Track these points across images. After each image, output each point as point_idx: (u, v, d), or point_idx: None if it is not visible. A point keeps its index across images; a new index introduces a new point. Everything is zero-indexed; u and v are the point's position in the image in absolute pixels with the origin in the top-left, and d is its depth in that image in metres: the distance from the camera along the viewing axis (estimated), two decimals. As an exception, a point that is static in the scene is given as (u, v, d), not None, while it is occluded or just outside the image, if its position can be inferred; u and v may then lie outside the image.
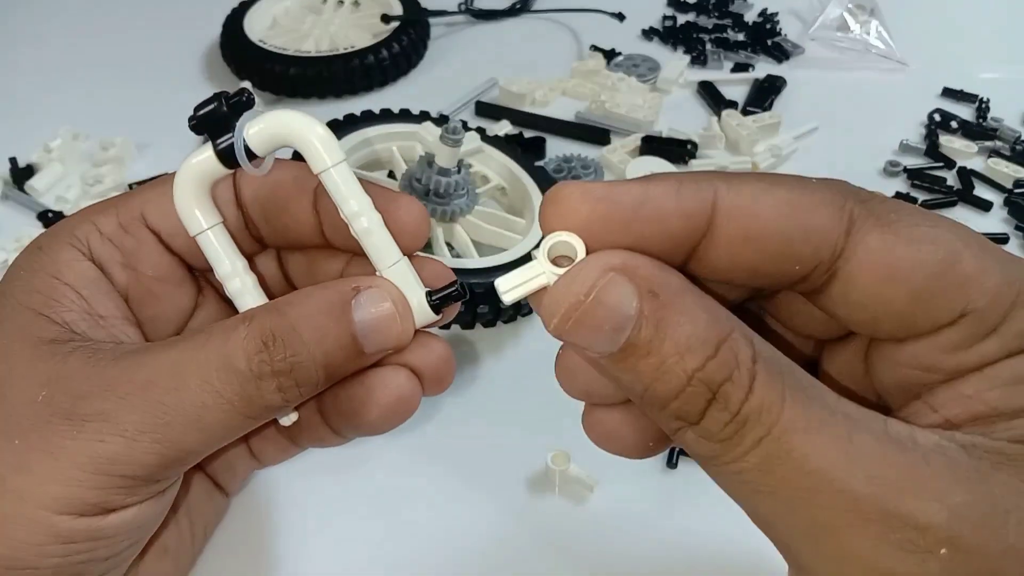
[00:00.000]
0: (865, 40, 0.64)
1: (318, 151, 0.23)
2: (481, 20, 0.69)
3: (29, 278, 0.25)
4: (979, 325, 0.19)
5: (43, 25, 0.69)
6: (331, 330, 0.23)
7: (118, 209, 0.26)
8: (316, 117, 0.24)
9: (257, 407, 0.23)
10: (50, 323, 0.24)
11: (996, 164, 0.52)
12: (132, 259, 0.26)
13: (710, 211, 0.19)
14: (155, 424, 0.22)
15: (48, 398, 0.22)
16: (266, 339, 0.23)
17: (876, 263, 0.19)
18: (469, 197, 0.40)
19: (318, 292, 0.24)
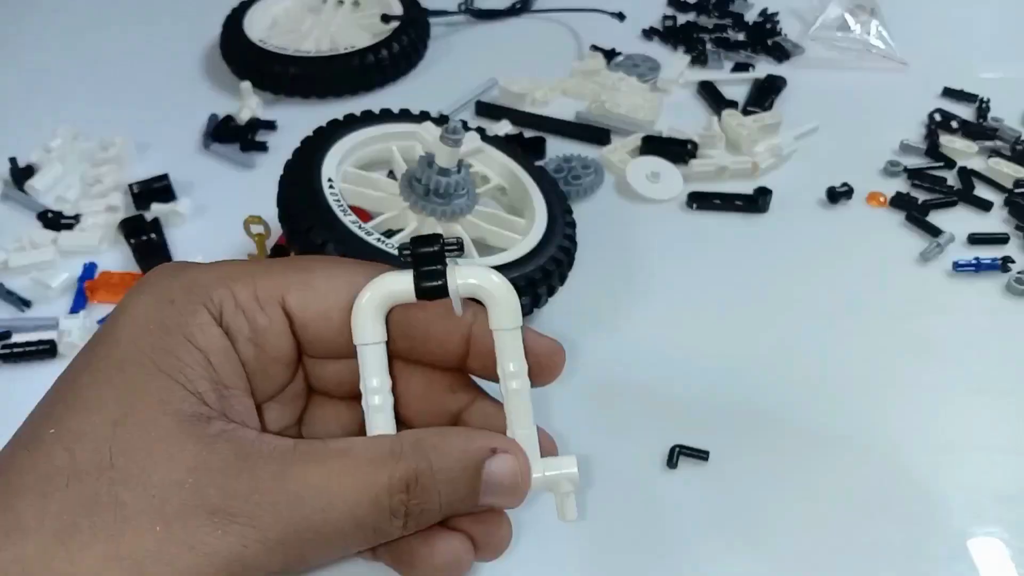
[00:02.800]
0: (865, 40, 0.64)
1: (505, 312, 0.26)
2: (481, 20, 0.69)
3: (162, 336, 0.24)
4: None
5: (43, 25, 0.69)
6: (463, 487, 0.25)
7: (256, 281, 0.26)
8: (316, 117, 0.24)
9: (380, 536, 0.24)
10: (187, 394, 0.23)
11: (996, 164, 0.52)
12: (260, 336, 0.26)
13: None
14: (295, 540, 0.23)
15: (195, 487, 0.22)
16: (410, 481, 0.24)
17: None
18: (469, 197, 0.40)
19: (460, 442, 0.25)
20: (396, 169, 0.44)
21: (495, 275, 0.26)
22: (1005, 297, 0.44)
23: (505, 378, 0.26)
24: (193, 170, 0.52)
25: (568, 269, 0.42)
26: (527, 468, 0.26)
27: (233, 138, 0.54)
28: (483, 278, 0.26)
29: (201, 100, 0.58)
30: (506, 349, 0.26)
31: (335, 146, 0.42)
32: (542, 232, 0.41)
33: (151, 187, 0.49)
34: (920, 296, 0.44)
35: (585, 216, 0.47)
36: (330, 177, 0.40)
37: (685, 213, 0.50)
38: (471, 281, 0.26)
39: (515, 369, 0.26)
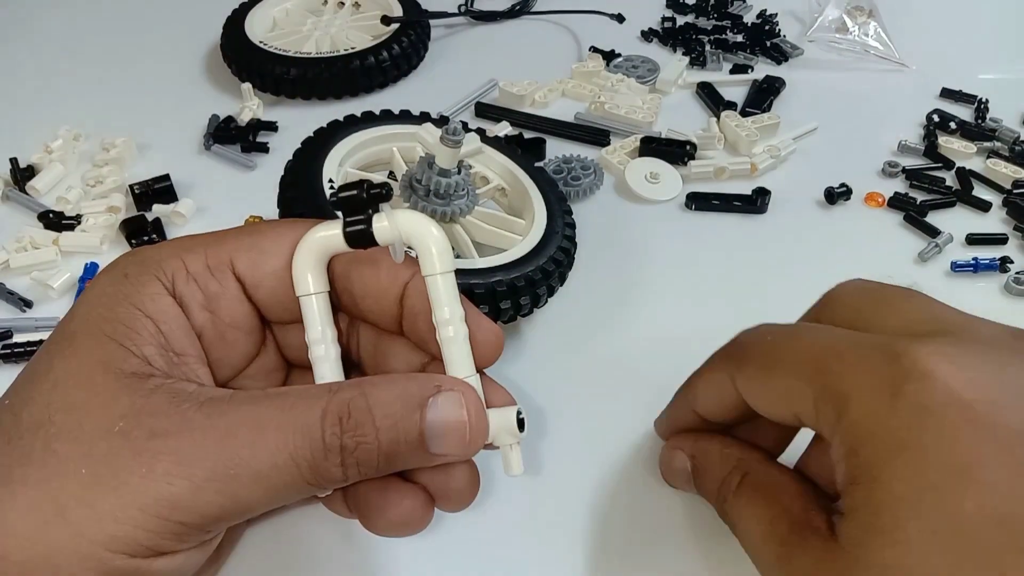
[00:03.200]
0: (864, 41, 0.64)
1: (433, 256, 0.25)
2: (481, 21, 0.69)
3: (112, 305, 0.25)
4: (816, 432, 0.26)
5: (43, 25, 0.69)
6: (402, 423, 0.24)
7: (207, 250, 0.27)
8: (316, 118, 0.24)
9: (319, 476, 0.24)
10: (130, 355, 0.24)
11: (995, 164, 0.53)
12: (213, 303, 0.27)
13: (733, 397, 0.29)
14: (225, 475, 0.22)
15: (124, 430, 0.22)
16: (343, 413, 0.23)
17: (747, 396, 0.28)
18: (469, 198, 0.41)
19: (402, 381, 0.25)
20: (396, 170, 0.44)
21: (424, 218, 0.25)
22: (1004, 297, 0.44)
23: (439, 325, 0.26)
24: (194, 171, 0.52)
25: (568, 269, 0.42)
26: (480, 409, 0.25)
27: (234, 139, 0.54)
28: (410, 221, 0.25)
29: (202, 101, 0.59)
30: (439, 295, 0.26)
31: (336, 147, 0.42)
32: (542, 233, 0.41)
33: (152, 188, 0.49)
34: (918, 296, 0.44)
35: (585, 216, 0.47)
36: (331, 178, 0.40)
37: (684, 214, 0.50)
38: (398, 224, 0.25)
39: (449, 315, 0.26)
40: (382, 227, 0.25)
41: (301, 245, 0.26)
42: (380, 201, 0.25)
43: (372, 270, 0.27)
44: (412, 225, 0.25)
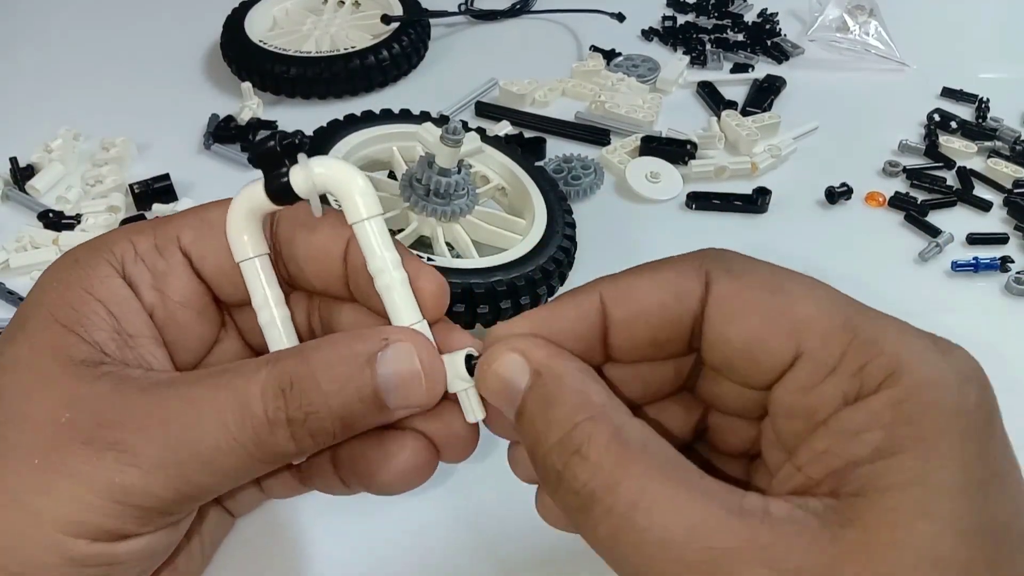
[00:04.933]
0: (864, 40, 0.64)
1: (355, 202, 0.24)
2: (481, 21, 0.69)
3: (63, 291, 0.25)
4: (815, 366, 0.21)
5: (44, 25, 0.69)
6: (352, 382, 0.23)
7: (155, 230, 0.26)
8: (316, 117, 0.24)
9: (270, 453, 0.23)
10: (81, 342, 0.24)
11: (996, 164, 0.53)
12: (161, 282, 0.26)
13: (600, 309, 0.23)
14: (170, 461, 0.22)
15: (71, 421, 0.22)
16: (284, 385, 0.23)
17: (721, 307, 0.22)
18: (469, 197, 0.41)
19: (345, 340, 0.24)
20: (396, 169, 0.44)
21: (343, 164, 0.24)
22: (1004, 297, 0.44)
23: (375, 275, 0.24)
24: (194, 170, 0.52)
25: (568, 269, 0.42)
26: (432, 354, 0.24)
27: (234, 138, 0.54)
28: (327, 168, 0.24)
29: (202, 100, 0.59)
30: (370, 243, 0.24)
31: (336, 146, 0.42)
32: (542, 232, 0.41)
33: (152, 187, 0.49)
34: (919, 296, 0.44)
35: (585, 216, 0.47)
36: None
37: (684, 213, 0.50)
38: (315, 172, 0.24)
39: (382, 263, 0.24)
40: (296, 178, 0.24)
41: (230, 209, 0.25)
42: (295, 151, 0.24)
43: (312, 232, 0.26)
44: (330, 172, 0.24)
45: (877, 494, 0.19)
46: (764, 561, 0.18)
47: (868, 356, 0.20)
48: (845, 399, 0.20)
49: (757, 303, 0.22)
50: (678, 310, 0.23)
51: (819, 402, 0.21)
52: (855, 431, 0.20)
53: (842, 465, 0.20)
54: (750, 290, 0.22)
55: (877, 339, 0.21)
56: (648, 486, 0.20)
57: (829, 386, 0.21)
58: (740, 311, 0.22)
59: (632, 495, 0.20)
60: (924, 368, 0.20)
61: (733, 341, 0.22)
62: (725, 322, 0.22)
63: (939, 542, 0.18)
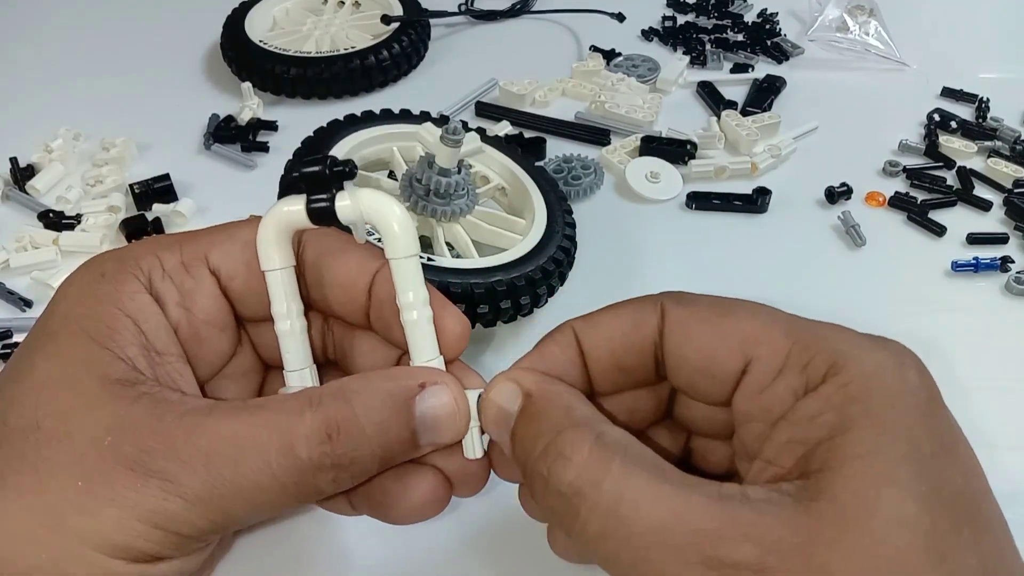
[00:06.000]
0: (864, 40, 0.64)
1: (396, 239, 0.25)
2: (481, 21, 0.69)
3: (93, 305, 0.25)
4: (764, 370, 0.23)
5: (43, 25, 0.69)
6: (393, 425, 0.24)
7: (183, 247, 0.27)
8: (316, 117, 0.24)
9: (310, 493, 0.24)
10: (115, 359, 0.24)
11: (995, 164, 0.53)
12: (188, 299, 0.27)
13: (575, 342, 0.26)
14: (213, 495, 0.23)
15: (114, 444, 0.22)
16: (331, 431, 0.23)
17: (675, 332, 0.24)
18: (469, 197, 0.41)
19: (383, 383, 0.24)
20: (396, 169, 0.44)
21: (389, 199, 0.25)
22: (1004, 297, 0.44)
23: (403, 309, 0.25)
24: (194, 170, 0.52)
25: (568, 269, 0.42)
26: (462, 397, 0.25)
27: (234, 138, 0.54)
28: (374, 201, 0.25)
29: (202, 100, 0.59)
30: (403, 279, 0.25)
31: (336, 146, 0.42)
32: (542, 232, 0.41)
33: (152, 187, 0.49)
34: (919, 296, 0.44)
35: (585, 216, 0.47)
36: (330, 177, 0.40)
37: (684, 213, 0.50)
38: (361, 204, 0.25)
39: (413, 299, 0.25)
40: (344, 205, 0.25)
41: (265, 219, 0.26)
42: (344, 179, 0.25)
43: (343, 258, 0.27)
44: (376, 205, 0.25)
45: (839, 467, 0.20)
46: (749, 537, 0.19)
47: (810, 354, 0.22)
48: (795, 395, 0.22)
49: (707, 324, 0.24)
50: (638, 336, 0.25)
51: (772, 401, 0.23)
52: (810, 417, 0.21)
53: (805, 450, 0.21)
54: (700, 314, 0.24)
55: (816, 339, 0.23)
56: (631, 481, 0.21)
57: (780, 385, 0.23)
58: (693, 333, 0.24)
59: (617, 489, 0.21)
60: (864, 356, 0.22)
61: (690, 360, 0.24)
62: (680, 344, 0.24)
63: (903, 506, 0.19)
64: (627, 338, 0.25)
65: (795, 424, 0.22)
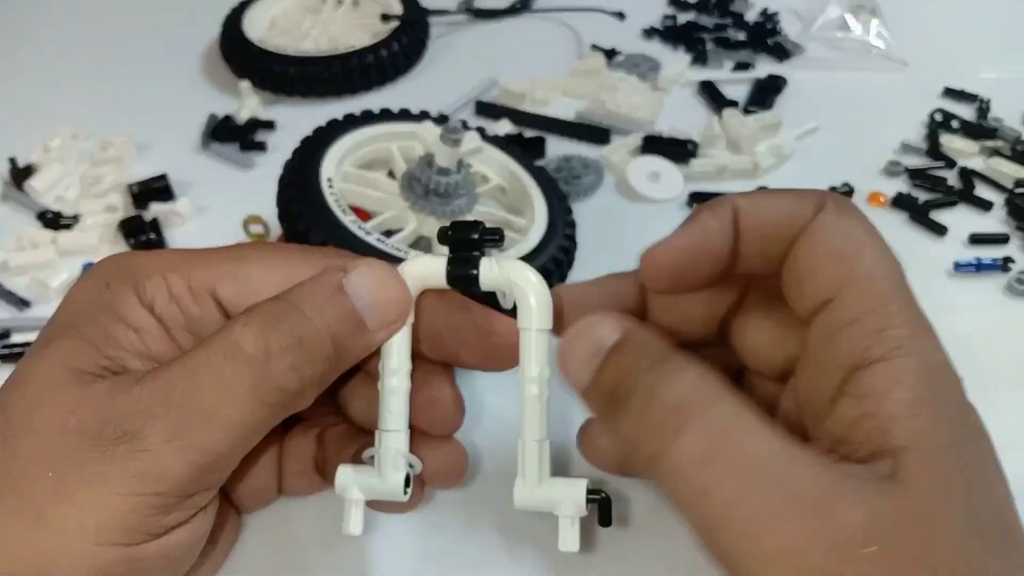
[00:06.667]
0: (866, 40, 0.64)
1: (531, 311, 0.25)
2: (481, 19, 0.69)
3: (95, 313, 0.25)
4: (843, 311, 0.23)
5: (43, 25, 0.69)
6: (330, 305, 0.24)
7: (191, 272, 0.26)
8: (315, 117, 0.24)
9: (273, 392, 0.23)
10: (100, 355, 0.24)
11: (997, 164, 0.52)
12: (195, 325, 0.26)
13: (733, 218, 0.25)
14: (177, 431, 0.22)
15: (77, 425, 0.22)
16: (268, 320, 0.23)
17: (810, 232, 0.24)
18: (469, 197, 0.40)
19: (310, 279, 0.25)
20: (396, 169, 0.44)
21: (531, 271, 0.25)
22: (1006, 297, 0.44)
23: (524, 382, 0.25)
24: (192, 170, 0.52)
25: (568, 269, 0.42)
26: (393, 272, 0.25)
27: (232, 138, 0.54)
28: (518, 273, 0.25)
29: (200, 100, 0.58)
30: (530, 351, 0.25)
31: (334, 146, 0.42)
32: (542, 232, 0.41)
33: (150, 187, 0.49)
34: (920, 296, 0.44)
35: (585, 216, 0.47)
36: (329, 177, 0.40)
37: (686, 213, 0.50)
38: (506, 274, 0.25)
39: (536, 374, 0.25)
40: (490, 275, 0.25)
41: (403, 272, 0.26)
42: (492, 246, 0.25)
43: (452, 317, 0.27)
44: (515, 276, 0.25)
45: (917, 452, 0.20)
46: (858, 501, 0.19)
47: (886, 324, 0.22)
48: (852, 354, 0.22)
49: (835, 239, 0.24)
50: (790, 228, 0.25)
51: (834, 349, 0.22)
52: (882, 392, 0.21)
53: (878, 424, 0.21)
54: (838, 228, 0.24)
55: (901, 315, 0.23)
56: (740, 415, 0.21)
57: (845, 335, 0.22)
58: (819, 239, 0.24)
59: (732, 413, 0.20)
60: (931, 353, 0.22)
61: (798, 260, 0.24)
62: (804, 243, 0.24)
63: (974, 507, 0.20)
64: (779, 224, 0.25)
65: (864, 398, 0.21)
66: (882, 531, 0.19)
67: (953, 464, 0.20)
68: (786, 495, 0.19)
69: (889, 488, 0.20)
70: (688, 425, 0.20)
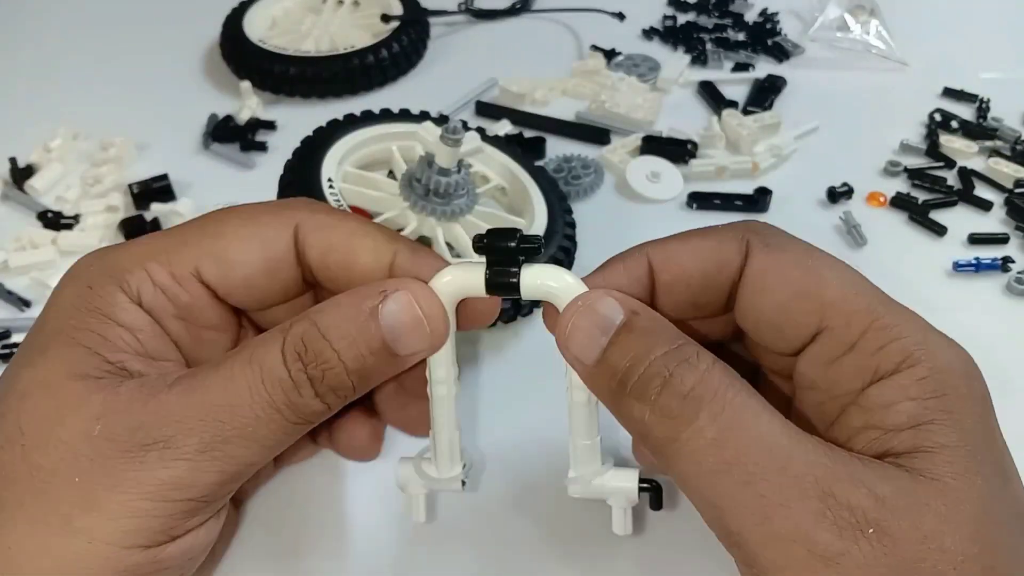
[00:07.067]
0: (865, 40, 0.64)
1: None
2: (481, 20, 0.69)
3: (83, 316, 0.25)
4: (836, 342, 0.23)
5: (43, 25, 0.69)
6: (359, 337, 0.24)
7: (171, 259, 0.26)
8: (316, 117, 0.24)
9: (302, 413, 0.24)
10: (103, 361, 0.24)
11: (996, 164, 0.52)
12: (186, 312, 0.27)
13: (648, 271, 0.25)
14: (214, 443, 0.23)
15: (105, 432, 0.22)
16: (299, 349, 0.24)
17: (756, 280, 0.24)
18: (469, 197, 0.40)
19: (346, 299, 0.25)
20: (396, 169, 0.44)
21: (569, 276, 0.25)
22: (1005, 297, 0.44)
23: (571, 388, 0.26)
24: (193, 170, 0.52)
25: (568, 269, 0.42)
26: (431, 298, 0.25)
27: (233, 138, 0.54)
28: (558, 280, 0.25)
29: (201, 100, 0.58)
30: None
31: (335, 146, 0.42)
32: (542, 232, 0.41)
33: (151, 187, 0.49)
34: (920, 296, 0.44)
35: (585, 216, 0.47)
36: (330, 177, 0.40)
37: (685, 213, 0.50)
38: (547, 283, 0.25)
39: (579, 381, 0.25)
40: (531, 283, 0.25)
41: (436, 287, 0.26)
42: (532, 255, 0.25)
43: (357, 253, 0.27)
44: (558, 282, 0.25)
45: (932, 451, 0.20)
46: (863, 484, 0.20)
47: (887, 339, 0.22)
48: (862, 378, 0.22)
49: (789, 279, 0.23)
50: (716, 274, 0.24)
51: (838, 376, 0.23)
52: (886, 404, 0.21)
53: (882, 435, 0.21)
54: (784, 266, 0.24)
55: (896, 325, 0.22)
56: (753, 400, 0.21)
57: (848, 362, 0.22)
58: (773, 285, 0.23)
59: (742, 401, 0.21)
60: (940, 355, 0.22)
61: (764, 312, 0.24)
62: (757, 293, 0.24)
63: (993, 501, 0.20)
64: (705, 274, 0.25)
65: (870, 411, 0.22)
66: (886, 514, 0.19)
67: (961, 460, 0.21)
68: (795, 477, 0.20)
69: (895, 475, 0.20)
70: (702, 411, 0.21)
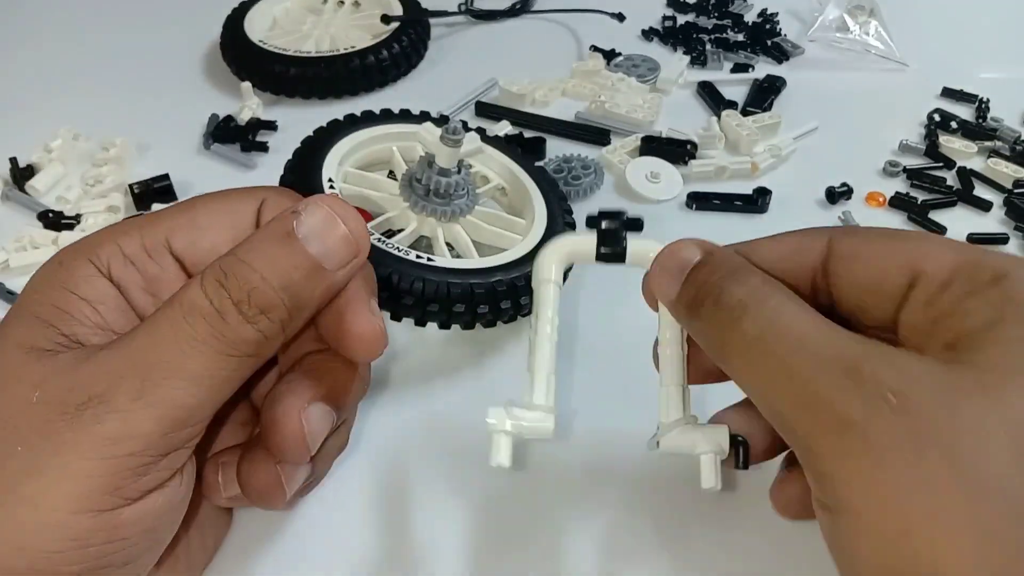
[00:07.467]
0: (864, 40, 0.64)
1: None
2: (481, 20, 0.69)
3: (46, 290, 0.25)
4: (933, 281, 0.24)
5: (43, 25, 0.69)
6: (281, 254, 0.24)
7: (143, 232, 0.27)
8: (316, 117, 0.24)
9: (233, 341, 0.24)
10: (57, 334, 0.24)
11: (996, 164, 0.53)
12: (154, 285, 0.27)
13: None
14: (143, 388, 0.22)
15: (43, 398, 0.22)
16: (219, 277, 0.24)
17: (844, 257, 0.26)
18: (469, 197, 0.40)
19: (263, 227, 0.25)
20: (396, 169, 0.44)
21: (658, 246, 0.29)
22: (1004, 297, 0.44)
23: (661, 327, 0.29)
24: (193, 170, 0.52)
25: (568, 269, 0.42)
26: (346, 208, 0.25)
27: (233, 138, 0.54)
28: (655, 248, 0.29)
29: (201, 100, 0.58)
30: (665, 317, 0.29)
31: (335, 146, 0.42)
32: (542, 232, 0.41)
33: (151, 187, 0.49)
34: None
35: (585, 216, 0.47)
36: (330, 177, 0.40)
37: (685, 213, 0.50)
38: (643, 250, 0.29)
39: (670, 336, 0.29)
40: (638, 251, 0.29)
41: (555, 243, 0.30)
42: (634, 228, 0.30)
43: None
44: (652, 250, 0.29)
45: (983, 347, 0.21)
46: (893, 364, 0.21)
47: (977, 268, 0.23)
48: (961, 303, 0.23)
49: (875, 244, 0.25)
50: (800, 261, 0.26)
51: (939, 311, 0.23)
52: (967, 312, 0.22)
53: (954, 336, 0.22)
54: (869, 238, 0.26)
55: (984, 256, 0.24)
56: (791, 304, 0.24)
57: (946, 296, 0.23)
58: (862, 253, 0.25)
59: (779, 305, 0.24)
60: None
61: (859, 278, 0.25)
62: (850, 265, 0.25)
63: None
64: (788, 262, 0.26)
65: (951, 316, 0.23)
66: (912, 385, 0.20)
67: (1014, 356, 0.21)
68: (826, 359, 0.22)
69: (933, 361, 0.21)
70: (746, 316, 0.24)
